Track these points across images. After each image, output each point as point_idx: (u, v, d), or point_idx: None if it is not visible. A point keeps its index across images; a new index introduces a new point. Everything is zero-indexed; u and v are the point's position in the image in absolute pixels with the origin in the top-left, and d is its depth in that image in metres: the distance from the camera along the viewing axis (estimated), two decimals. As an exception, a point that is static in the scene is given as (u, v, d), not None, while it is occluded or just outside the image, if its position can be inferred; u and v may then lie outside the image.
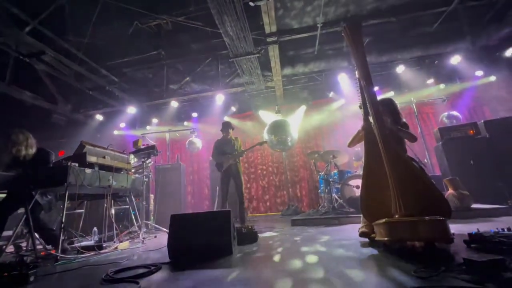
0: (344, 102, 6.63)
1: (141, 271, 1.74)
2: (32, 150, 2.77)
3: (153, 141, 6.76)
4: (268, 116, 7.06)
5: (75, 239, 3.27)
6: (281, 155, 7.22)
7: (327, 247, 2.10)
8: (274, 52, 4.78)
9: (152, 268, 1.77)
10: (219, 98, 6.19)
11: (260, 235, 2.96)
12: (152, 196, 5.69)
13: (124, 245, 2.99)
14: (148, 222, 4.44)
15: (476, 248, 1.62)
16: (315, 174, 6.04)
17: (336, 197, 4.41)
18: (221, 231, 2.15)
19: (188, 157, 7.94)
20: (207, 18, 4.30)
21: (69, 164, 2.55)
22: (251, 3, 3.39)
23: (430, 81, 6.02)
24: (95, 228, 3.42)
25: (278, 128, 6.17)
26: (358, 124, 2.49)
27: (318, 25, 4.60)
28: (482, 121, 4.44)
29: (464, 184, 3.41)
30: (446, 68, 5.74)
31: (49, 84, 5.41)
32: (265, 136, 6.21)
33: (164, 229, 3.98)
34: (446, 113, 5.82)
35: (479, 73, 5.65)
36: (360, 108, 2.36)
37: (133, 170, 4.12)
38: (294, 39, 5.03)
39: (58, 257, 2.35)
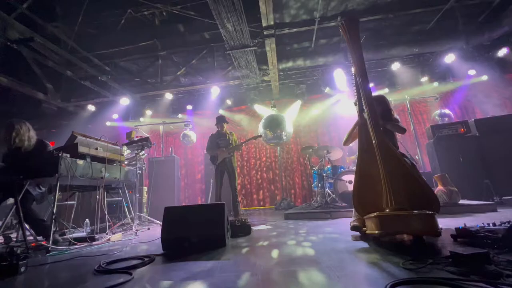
0: (340, 98, 6.65)
1: (134, 262, 1.74)
2: (32, 142, 2.76)
3: (147, 133, 6.69)
4: (263, 110, 7.05)
5: (66, 230, 3.24)
6: (276, 149, 7.25)
7: (319, 240, 2.14)
8: (270, 46, 4.74)
9: (146, 259, 1.77)
10: (215, 91, 6.13)
11: (253, 228, 2.99)
12: (145, 188, 5.66)
13: (117, 237, 2.98)
14: (141, 214, 4.42)
15: (462, 242, 1.68)
16: (309, 168, 6.09)
17: (329, 191, 4.48)
18: (215, 224, 2.16)
19: (182, 150, 7.89)
20: (203, 8, 4.22)
21: (60, 154, 2.50)
22: (248, -5, 3.33)
23: (424, 79, 6.09)
24: (87, 220, 3.39)
25: (273, 123, 6.17)
26: (352, 121, 2.51)
27: (315, 19, 4.57)
28: (473, 119, 4.54)
29: (452, 181, 3.50)
30: (440, 67, 5.81)
31: (39, 72, 5.24)
32: (260, 130, 6.21)
33: (158, 221, 3.98)
34: (438, 111, 5.92)
35: (472, 72, 5.74)
36: (355, 104, 2.37)
37: (126, 162, 4.07)
38: (291, 33, 5.00)
39: (50, 248, 2.33)
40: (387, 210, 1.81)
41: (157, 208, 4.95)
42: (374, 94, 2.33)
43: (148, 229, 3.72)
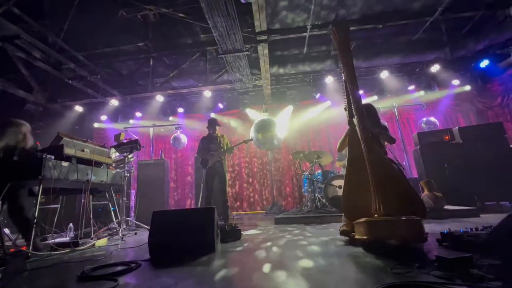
0: (330, 104, 6.76)
1: (119, 268, 1.69)
2: (30, 143, 2.72)
3: (136, 135, 6.57)
4: (255, 115, 7.07)
5: (48, 235, 3.11)
6: (267, 153, 7.26)
7: (309, 245, 2.14)
8: (263, 51, 4.78)
9: (132, 265, 1.72)
10: (206, 94, 6.11)
11: (243, 232, 2.96)
12: (133, 192, 5.52)
13: (102, 242, 2.88)
14: (129, 218, 4.31)
15: (447, 246, 1.72)
16: (299, 173, 6.12)
17: (319, 196, 4.50)
18: (204, 228, 2.13)
19: (172, 153, 7.78)
20: (196, 12, 4.22)
21: (44, 156, 2.42)
22: (242, 0, 3.37)
23: (411, 87, 6.29)
24: (70, 224, 3.27)
25: (265, 127, 6.19)
26: (343, 126, 2.55)
27: (307, 26, 4.66)
28: (457, 127, 4.71)
29: (438, 186, 3.60)
30: (426, 76, 6.02)
31: (24, 70, 5.08)
32: (252, 134, 6.22)
33: (145, 226, 3.88)
34: (424, 119, 6.11)
35: (456, 82, 5.97)
36: (345, 110, 2.42)
37: (114, 165, 3.98)
38: (283, 39, 5.07)
39: (29, 254, 2.23)
40: (375, 215, 1.84)
41: (145, 212, 4.83)
42: (362, 101, 2.38)
43: (135, 234, 3.62)
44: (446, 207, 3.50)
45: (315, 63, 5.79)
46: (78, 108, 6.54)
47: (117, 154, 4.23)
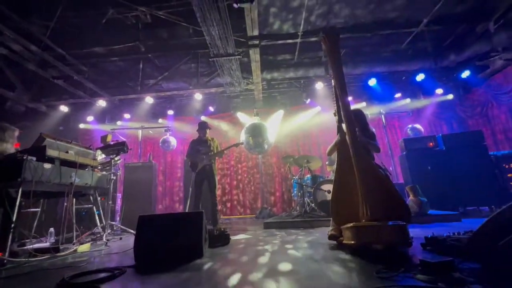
0: (320, 109, 6.87)
1: (102, 275, 1.62)
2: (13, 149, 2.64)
3: (124, 137, 6.42)
4: (246, 118, 7.07)
5: (27, 240, 2.96)
6: (257, 158, 7.26)
7: (297, 250, 2.14)
8: (255, 56, 4.82)
9: (116, 271, 1.66)
10: (197, 97, 6.07)
11: (232, 237, 2.93)
12: (119, 195, 5.37)
13: (85, 247, 2.78)
14: (114, 223, 4.17)
15: (431, 250, 1.76)
16: (289, 178, 6.15)
17: (309, 201, 4.53)
18: (192, 233, 2.09)
19: (161, 156, 7.66)
20: (189, 14, 4.21)
21: (25, 157, 2.32)
22: (234, 5, 3.39)
23: (398, 95, 6.49)
24: (51, 229, 3.13)
25: (255, 131, 6.20)
26: (332, 131, 2.59)
27: (298, 33, 4.74)
28: (440, 135, 4.88)
29: (423, 192, 3.71)
30: (412, 84, 6.23)
31: (5, 68, 4.88)
32: (242, 138, 6.21)
33: (131, 231, 3.77)
34: (410, 126, 6.30)
35: (440, 91, 6.22)
36: (335, 115, 2.46)
37: (99, 167, 3.86)
38: (275, 45, 5.13)
39: (5, 261, 2.11)
40: (363, 220, 1.87)
41: (131, 216, 4.69)
42: (352, 107, 2.43)
43: (121, 238, 3.51)
44: (430, 211, 3.60)
45: (306, 69, 5.87)
46: (63, 108, 6.34)
47: (104, 156, 4.12)
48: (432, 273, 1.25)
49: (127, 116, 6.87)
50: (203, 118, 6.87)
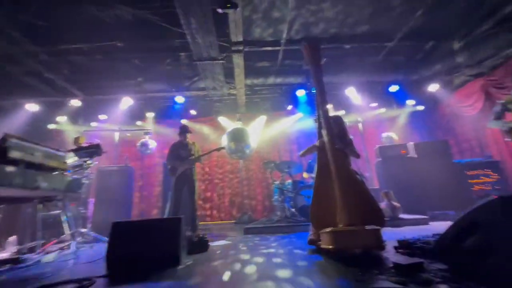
0: (302, 116, 7.02)
1: (69, 287, 1.51)
2: None
3: (99, 139, 6.10)
4: (228, 123, 7.05)
5: (-18, 251, 2.69)
6: (238, 162, 7.23)
7: (277, 255, 2.15)
8: (239, 61, 4.85)
9: (84, 282, 1.56)
10: (179, 100, 5.96)
11: (211, 243, 2.88)
12: (92, 201, 5.08)
13: (50, 257, 2.57)
14: (84, 230, 3.92)
15: (403, 253, 1.85)
16: (270, 183, 6.19)
17: (289, 206, 4.58)
18: (169, 240, 2.02)
19: (139, 160, 7.36)
20: (172, 16, 4.15)
21: (-17, 159, 2.12)
22: (219, 10, 3.41)
23: (374, 104, 6.83)
24: (12, 238, 2.87)
25: (237, 136, 6.19)
26: (313, 138, 2.66)
27: (281, 41, 4.86)
28: (412, 143, 5.19)
29: (396, 197, 3.90)
30: (387, 95, 6.59)
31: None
32: (224, 142, 6.17)
33: (104, 238, 3.56)
34: (385, 134, 6.63)
35: (411, 102, 6.64)
36: (316, 122, 2.54)
37: (70, 171, 3.63)
38: (259, 51, 5.20)
39: (-45, 274, 1.90)
40: (340, 225, 1.92)
41: (105, 223, 4.44)
42: (332, 114, 2.52)
43: (91, 247, 3.30)
44: (402, 215, 3.79)
45: (288, 76, 6.00)
46: (32, 107, 5.91)
47: (75, 159, 3.88)
48: (404, 275, 1.31)
49: (103, 117, 6.56)
50: (184, 121, 6.74)
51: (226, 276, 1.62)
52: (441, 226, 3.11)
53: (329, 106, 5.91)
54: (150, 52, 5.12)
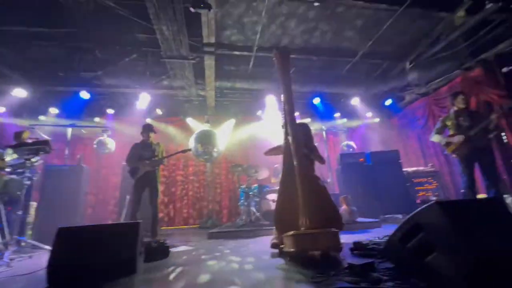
0: (270, 121, 7.16)
1: (-2, 303, 1.31)
2: None
3: (48, 135, 5.46)
4: (196, 125, 6.88)
5: None
6: (205, 165, 7.08)
7: (240, 259, 2.14)
8: (210, 63, 4.79)
9: (18, 298, 1.36)
10: (144, 98, 5.65)
11: (172, 249, 2.75)
12: (34, 204, 4.50)
13: (-24, 270, 2.20)
14: (22, 238, 3.44)
15: (357, 254, 1.99)
16: (236, 187, 6.17)
17: (254, 210, 4.61)
18: (124, 246, 1.87)
19: (95, 160, 6.75)
20: (141, 9, 3.94)
21: None
22: (191, 9, 3.34)
23: (337, 114, 7.30)
24: None
25: (205, 138, 6.07)
26: (281, 143, 2.73)
27: (253, 47, 4.93)
28: (368, 152, 5.64)
29: (353, 201, 4.18)
30: (349, 106, 7.09)
31: None
32: (191, 144, 5.99)
33: (46, 247, 3.17)
34: (345, 142, 7.10)
35: (369, 114, 7.24)
36: (283, 128, 2.61)
37: (8, 169, 3.18)
38: (231, 55, 5.20)
39: None
40: (302, 228, 1.99)
41: (50, 229, 3.96)
42: (299, 121, 2.62)
43: (30, 257, 2.91)
44: (358, 219, 4.07)
45: (259, 82, 6.10)
46: (-39, 94, 5.06)
47: (16, 156, 3.41)
48: (357, 275, 1.41)
49: (54, 111, 5.89)
50: (149, 120, 6.40)
51: (187, 282, 1.56)
52: (391, 229, 3.42)
53: (296, 114, 6.15)
54: (114, 45, 4.79)
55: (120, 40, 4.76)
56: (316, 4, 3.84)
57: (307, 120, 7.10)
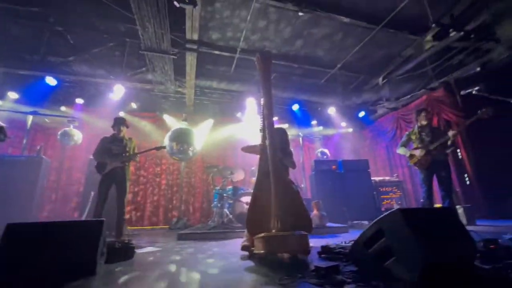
0: (249, 124, 7.18)
1: None
2: None
3: (3, 121, 4.94)
4: (173, 122, 6.68)
5: None
6: (179, 164, 6.88)
7: (209, 261, 2.10)
8: (191, 60, 4.70)
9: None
10: (118, 90, 5.37)
11: (138, 250, 2.62)
12: (-20, 197, 4.04)
13: None
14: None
15: (324, 257, 2.05)
16: (211, 188, 6.07)
17: (227, 212, 4.57)
18: (84, 246, 1.75)
19: (58, 152, 6.25)
20: (121, -3, 3.78)
21: None
22: (175, 3, 3.26)
23: (314, 122, 7.54)
24: None
25: (181, 136, 5.91)
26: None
27: (237, 48, 4.94)
28: (341, 160, 5.89)
29: (324, 207, 4.33)
30: (325, 115, 7.37)
31: None
32: (166, 141, 5.80)
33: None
34: (320, 149, 7.35)
35: (343, 124, 7.59)
36: (260, 132, 2.63)
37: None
38: (213, 54, 5.15)
39: None
40: (273, 231, 2.02)
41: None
42: (276, 126, 2.66)
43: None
44: (328, 224, 4.22)
45: (240, 84, 6.12)
46: None
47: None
48: (322, 277, 1.45)
49: (13, 95, 5.36)
50: (122, 114, 6.08)
51: (150, 285, 1.49)
52: (357, 234, 3.59)
53: (275, 118, 6.23)
54: (89, 31, 4.52)
55: (97, 26, 4.50)
56: (300, 14, 3.95)
57: (285, 126, 7.23)
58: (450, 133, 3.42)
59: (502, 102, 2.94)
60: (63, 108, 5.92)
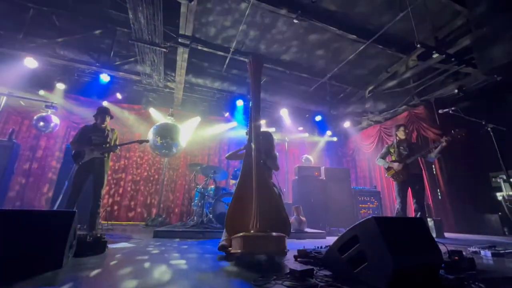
0: (236, 125, 7.18)
1: None
2: None
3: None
4: (159, 116, 6.53)
5: None
6: (162, 160, 6.73)
7: (184, 260, 2.06)
8: (183, 55, 4.64)
9: None
10: (104, 78, 5.18)
11: (110, 245, 2.52)
12: None
13: None
14: None
15: (300, 261, 2.08)
16: (192, 186, 5.98)
17: (208, 212, 4.51)
18: (51, 237, 1.66)
19: (32, 137, 5.90)
20: (114, -16, 3.68)
21: None
22: (171, -4, 3.22)
23: (300, 128, 7.66)
24: None
25: (166, 132, 5.78)
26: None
27: (230, 49, 4.94)
28: (324, 167, 6.01)
29: (304, 212, 4.39)
30: (312, 122, 7.51)
31: None
32: (150, 136, 5.65)
33: None
34: (304, 155, 7.46)
35: (329, 133, 7.77)
36: (246, 134, 2.64)
37: None
38: (206, 52, 5.12)
39: None
40: (252, 231, 2.02)
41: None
42: (263, 129, 2.68)
43: None
44: (307, 229, 4.28)
45: (231, 84, 6.11)
46: None
47: None
48: (296, 280, 1.47)
49: (-14, 73, 5.02)
50: (106, 103, 5.86)
51: (120, 282, 1.44)
52: (334, 240, 3.66)
53: (262, 122, 6.27)
54: (77, 13, 4.34)
55: (86, 10, 4.34)
56: (295, 21, 4.03)
57: (272, 129, 7.28)
58: (443, 139, 3.43)
59: (474, 123, 3.15)
60: (41, 92, 5.61)
